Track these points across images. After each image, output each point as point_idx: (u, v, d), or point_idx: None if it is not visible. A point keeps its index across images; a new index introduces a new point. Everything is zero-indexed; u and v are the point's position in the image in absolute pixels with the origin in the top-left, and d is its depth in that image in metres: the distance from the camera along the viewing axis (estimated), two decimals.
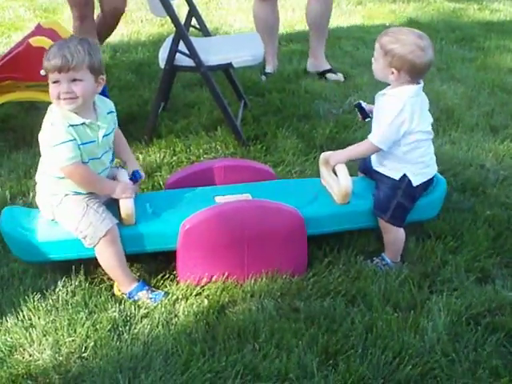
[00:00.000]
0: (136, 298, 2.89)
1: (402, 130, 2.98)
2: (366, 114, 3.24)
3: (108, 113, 2.98)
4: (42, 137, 2.84)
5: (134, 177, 3.04)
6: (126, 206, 2.90)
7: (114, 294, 2.92)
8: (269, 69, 5.54)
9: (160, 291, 2.93)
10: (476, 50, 6.44)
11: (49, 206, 2.92)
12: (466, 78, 5.57)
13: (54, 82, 2.81)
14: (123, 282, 2.92)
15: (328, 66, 5.58)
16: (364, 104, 3.27)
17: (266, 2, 5.39)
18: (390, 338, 2.65)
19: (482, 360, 2.58)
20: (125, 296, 2.91)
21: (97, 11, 5.00)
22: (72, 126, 2.80)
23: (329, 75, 5.51)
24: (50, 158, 2.83)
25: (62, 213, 2.89)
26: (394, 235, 3.13)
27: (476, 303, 2.86)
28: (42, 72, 2.84)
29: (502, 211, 3.55)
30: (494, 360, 2.58)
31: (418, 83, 3.02)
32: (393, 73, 2.98)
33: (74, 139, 2.78)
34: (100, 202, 2.92)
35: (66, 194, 2.89)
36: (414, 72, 2.96)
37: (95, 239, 2.83)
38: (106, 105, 3.00)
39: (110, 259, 2.88)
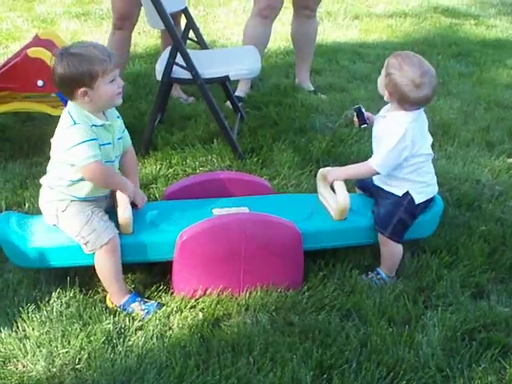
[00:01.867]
0: (129, 309, 2.89)
1: (403, 156, 3.01)
2: (364, 121, 3.23)
3: (117, 117, 3.02)
4: (62, 138, 2.82)
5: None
6: (124, 215, 2.90)
7: (108, 306, 2.91)
8: (238, 92, 5.29)
9: (153, 302, 2.93)
10: (472, 66, 6.47)
11: (54, 211, 2.91)
12: (462, 93, 5.59)
13: (111, 82, 2.83)
14: (116, 294, 2.92)
15: (311, 89, 5.56)
16: (364, 110, 3.25)
17: (264, 19, 5.18)
18: (384, 353, 2.65)
19: (477, 376, 2.58)
20: (118, 308, 2.90)
21: None
22: (94, 126, 2.83)
23: None
24: (70, 158, 2.80)
25: (66, 218, 2.89)
26: (393, 250, 3.13)
27: (471, 318, 2.86)
28: (40, 82, 2.84)
29: (498, 226, 3.56)
30: (488, 376, 2.58)
31: (417, 108, 3.05)
32: (387, 93, 3.03)
33: (97, 138, 2.81)
34: (103, 212, 2.93)
35: (73, 200, 2.89)
36: (404, 102, 3.00)
37: (96, 246, 2.83)
38: (113, 110, 3.02)
39: (107, 268, 2.88)
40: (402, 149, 2.99)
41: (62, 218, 2.90)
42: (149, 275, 3.11)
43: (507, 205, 3.84)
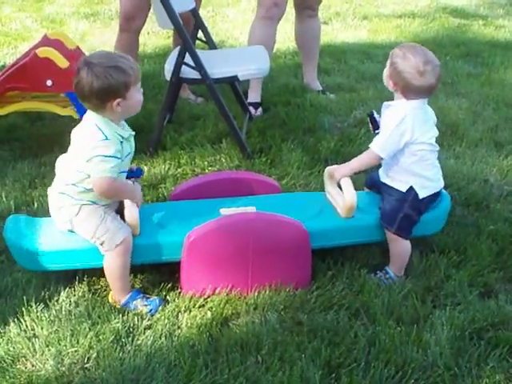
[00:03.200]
0: (132, 306, 2.90)
1: (402, 140, 3.01)
2: (378, 125, 3.24)
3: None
4: (89, 149, 2.78)
5: (136, 173, 3.08)
6: (132, 216, 2.90)
7: (114, 305, 2.92)
8: (253, 97, 5.20)
9: (155, 298, 2.95)
10: (481, 66, 6.45)
11: (67, 217, 2.91)
12: (470, 94, 5.58)
13: (138, 90, 2.89)
14: (120, 291, 2.93)
15: (319, 88, 5.56)
16: (377, 115, 3.27)
17: (269, 21, 5.12)
18: (392, 352, 2.65)
19: (485, 375, 2.58)
20: (120, 305, 2.91)
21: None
22: (123, 139, 2.85)
23: None
24: (91, 168, 2.79)
25: (80, 221, 2.89)
26: (401, 247, 3.14)
27: (479, 318, 2.86)
28: (49, 82, 2.84)
29: (506, 226, 3.55)
30: (496, 375, 2.58)
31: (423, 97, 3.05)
32: (391, 83, 3.05)
33: (121, 158, 2.83)
34: (115, 213, 2.95)
35: (84, 204, 2.89)
36: (408, 91, 3.01)
37: (112, 245, 2.84)
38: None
39: (117, 267, 2.88)
40: (402, 131, 2.99)
41: (76, 222, 2.90)
42: (157, 275, 3.12)
43: None
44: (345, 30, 7.64)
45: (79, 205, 2.89)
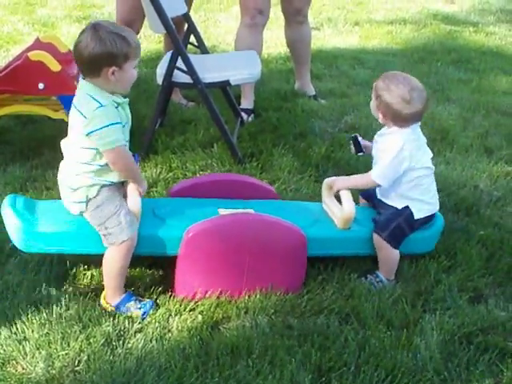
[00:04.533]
0: (124, 309, 2.90)
1: (402, 168, 3.07)
2: (360, 149, 3.33)
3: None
4: (87, 121, 2.75)
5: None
6: (135, 203, 2.89)
7: (108, 308, 2.91)
8: (246, 104, 5.18)
9: (148, 300, 2.94)
10: (471, 72, 6.48)
11: (83, 197, 2.85)
12: (461, 100, 5.61)
13: (134, 68, 2.87)
14: (114, 293, 2.92)
15: (312, 92, 5.58)
16: (360, 138, 3.34)
17: (254, 28, 5.11)
18: (382, 356, 2.66)
19: (474, 379, 2.60)
20: (113, 308, 2.91)
21: None
22: (118, 105, 2.84)
23: None
24: (96, 141, 2.76)
25: (95, 205, 2.85)
26: (389, 254, 3.15)
27: (469, 322, 2.87)
28: (41, 85, 2.83)
29: (496, 231, 3.57)
30: (486, 379, 2.60)
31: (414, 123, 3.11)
32: (380, 115, 3.12)
33: (121, 122, 2.82)
34: (128, 207, 2.91)
35: (103, 185, 2.86)
36: (399, 120, 3.07)
37: (118, 240, 2.83)
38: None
39: (117, 265, 2.87)
40: (401, 159, 3.05)
41: (92, 204, 2.85)
42: (148, 278, 3.13)
43: (505, 210, 3.86)
44: (336, 36, 7.66)
45: (99, 185, 2.85)
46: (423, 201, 3.16)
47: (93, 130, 2.74)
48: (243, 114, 4.91)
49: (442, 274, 3.20)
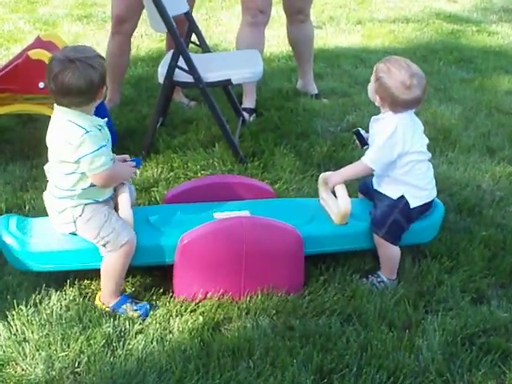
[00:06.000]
0: (120, 310, 2.89)
1: (395, 152, 3.03)
2: (365, 142, 3.29)
3: None
4: (73, 149, 2.74)
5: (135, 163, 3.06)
6: (126, 216, 2.89)
7: (108, 309, 2.91)
8: (248, 103, 5.15)
9: (145, 303, 2.93)
10: (474, 72, 6.46)
11: (70, 219, 2.86)
12: (463, 99, 5.58)
13: None
14: (110, 294, 2.91)
15: (315, 91, 5.56)
16: (363, 131, 3.31)
17: (255, 27, 5.09)
18: (384, 357, 2.65)
19: (477, 380, 2.59)
20: (108, 308, 2.90)
21: None
22: (101, 127, 2.84)
23: None
24: (83, 167, 2.76)
25: (84, 222, 2.86)
26: (389, 252, 3.14)
27: (471, 323, 2.86)
28: (41, 84, 2.82)
29: (498, 232, 3.56)
30: (488, 381, 2.59)
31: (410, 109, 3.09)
32: (378, 99, 3.08)
33: (106, 144, 2.82)
34: (117, 214, 2.92)
35: (87, 204, 2.86)
36: (396, 105, 3.03)
37: (117, 245, 2.82)
38: None
39: (116, 270, 2.87)
40: (393, 144, 3.01)
41: (80, 222, 2.86)
42: (148, 279, 3.11)
43: (508, 210, 3.85)
44: (338, 35, 7.63)
45: (82, 205, 2.85)
46: (418, 186, 3.11)
47: (81, 156, 2.73)
48: (245, 113, 4.89)
49: (444, 275, 3.19)
